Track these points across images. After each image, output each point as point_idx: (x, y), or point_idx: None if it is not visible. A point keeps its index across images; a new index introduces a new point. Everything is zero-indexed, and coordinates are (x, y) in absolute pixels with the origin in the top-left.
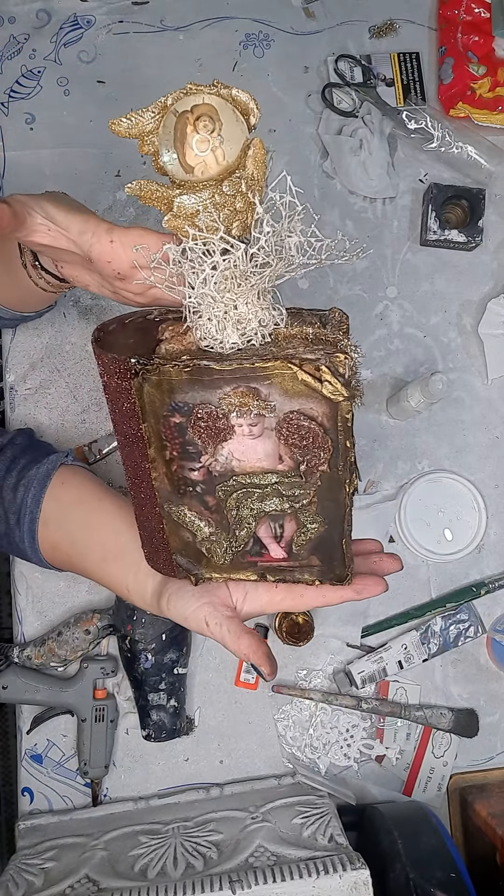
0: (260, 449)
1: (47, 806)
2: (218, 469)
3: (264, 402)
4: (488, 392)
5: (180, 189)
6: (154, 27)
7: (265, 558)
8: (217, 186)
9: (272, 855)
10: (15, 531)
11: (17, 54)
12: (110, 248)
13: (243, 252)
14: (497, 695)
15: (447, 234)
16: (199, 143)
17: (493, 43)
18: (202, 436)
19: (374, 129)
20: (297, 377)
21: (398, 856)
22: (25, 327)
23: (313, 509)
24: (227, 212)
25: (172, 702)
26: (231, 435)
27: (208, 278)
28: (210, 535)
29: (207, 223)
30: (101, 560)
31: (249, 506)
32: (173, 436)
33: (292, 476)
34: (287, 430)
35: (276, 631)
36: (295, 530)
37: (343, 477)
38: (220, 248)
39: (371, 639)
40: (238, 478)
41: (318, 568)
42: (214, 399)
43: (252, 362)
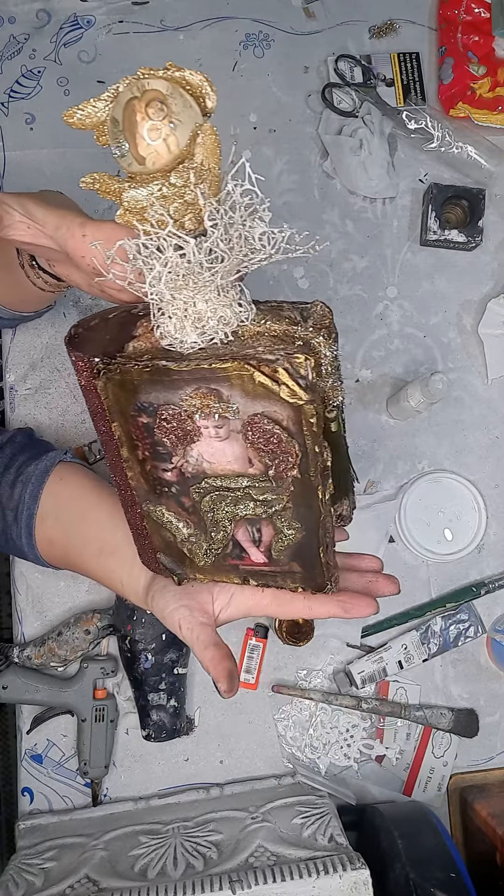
0: (229, 451)
1: (47, 806)
2: (190, 470)
3: (226, 403)
4: (488, 392)
5: (130, 182)
6: (154, 27)
7: (246, 562)
8: (165, 178)
9: (272, 855)
10: (12, 528)
11: (17, 54)
12: (83, 243)
13: (194, 247)
14: (497, 695)
15: (447, 234)
16: (150, 132)
17: (493, 43)
18: (169, 437)
19: (374, 129)
20: (254, 379)
21: (398, 856)
22: (25, 327)
23: (289, 515)
24: (177, 205)
25: (172, 702)
26: (198, 436)
27: (161, 275)
28: (189, 535)
29: (157, 217)
30: (97, 555)
31: (224, 509)
32: (143, 436)
33: (263, 480)
34: (252, 433)
35: (276, 631)
36: (272, 535)
37: (315, 483)
38: (171, 244)
39: (371, 639)
40: (210, 480)
41: (299, 574)
42: (177, 400)
43: (209, 363)
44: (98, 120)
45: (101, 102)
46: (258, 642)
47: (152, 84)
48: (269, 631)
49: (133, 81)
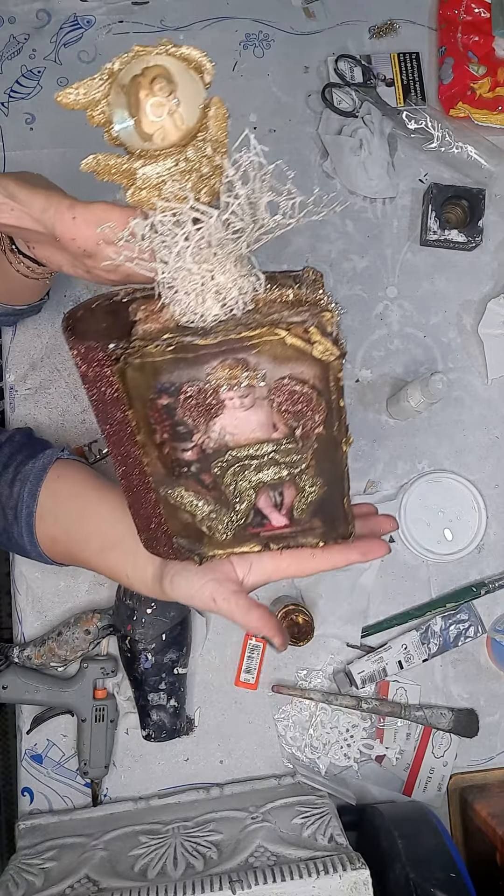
0: (253, 420)
1: (47, 806)
2: (211, 446)
3: (254, 371)
4: (488, 392)
5: (142, 159)
6: (154, 27)
7: (267, 528)
8: (181, 152)
9: (272, 855)
10: (13, 527)
11: (17, 54)
12: (73, 225)
13: (216, 219)
14: (497, 695)
15: (447, 234)
16: (155, 108)
17: (493, 43)
18: (192, 414)
19: (374, 129)
20: (285, 342)
21: (398, 856)
22: (25, 327)
23: (312, 472)
24: (193, 178)
25: (172, 702)
26: (222, 410)
27: (182, 251)
28: (210, 512)
29: (176, 193)
30: (100, 550)
31: (247, 478)
32: (162, 418)
33: (288, 442)
34: (279, 397)
35: None
36: (295, 496)
37: (339, 437)
38: (190, 218)
39: (371, 639)
40: (233, 452)
41: (320, 530)
42: (202, 375)
43: (238, 332)
44: (92, 99)
45: (96, 81)
46: (258, 642)
47: (154, 60)
48: None
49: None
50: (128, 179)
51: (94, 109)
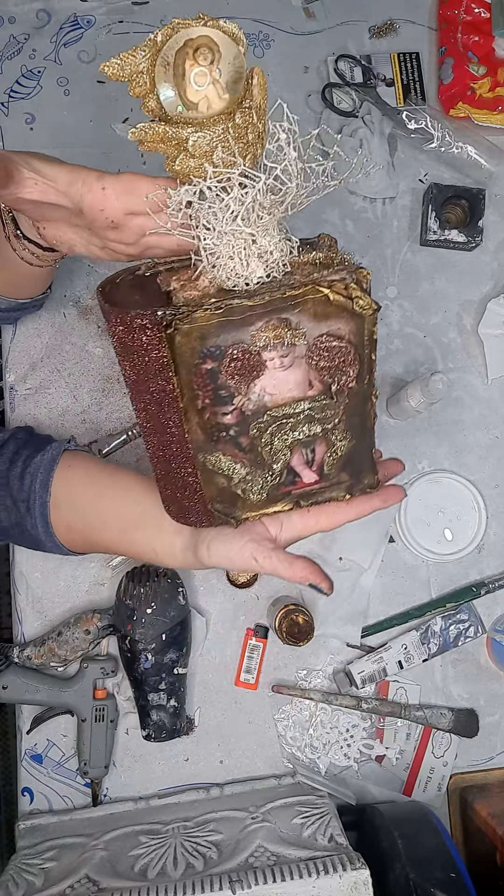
0: (291, 379)
1: (47, 806)
2: (251, 408)
3: (295, 330)
4: (488, 392)
5: (192, 127)
6: (154, 27)
7: (298, 486)
8: (230, 119)
9: (272, 855)
10: (27, 519)
11: (17, 54)
12: (102, 196)
13: (262, 183)
14: (497, 695)
15: (447, 234)
16: (199, 77)
17: (493, 43)
18: (235, 377)
19: (374, 129)
20: (328, 299)
21: (398, 856)
22: (25, 327)
23: (342, 427)
24: (241, 145)
25: (172, 702)
26: (263, 371)
27: (230, 216)
28: (246, 475)
29: (225, 159)
30: (121, 531)
31: (283, 437)
32: (205, 383)
33: (323, 399)
34: (318, 354)
35: (276, 631)
36: (325, 452)
37: (368, 390)
38: (237, 183)
39: (371, 639)
40: (271, 412)
41: (347, 483)
42: (247, 337)
43: (283, 292)
44: (136, 70)
45: (140, 53)
46: (258, 642)
47: (196, 32)
48: (269, 631)
49: (172, 31)
50: (177, 147)
51: (136, 80)
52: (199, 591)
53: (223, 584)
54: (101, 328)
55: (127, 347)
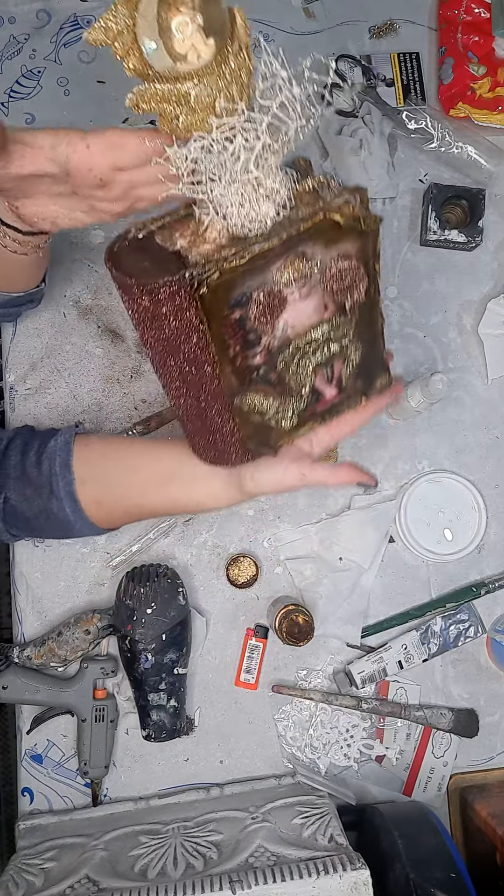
0: (309, 307)
1: (47, 806)
2: (276, 344)
3: (310, 260)
4: (488, 392)
5: (189, 81)
6: None
7: (322, 403)
8: (225, 65)
9: (272, 855)
10: (52, 503)
11: (17, 54)
12: (88, 154)
13: (266, 125)
14: (497, 695)
15: (447, 234)
16: (181, 26)
17: (493, 43)
18: (261, 319)
19: (374, 129)
20: (337, 224)
21: (398, 856)
22: (25, 327)
23: (356, 339)
24: (238, 89)
25: (172, 702)
26: (285, 305)
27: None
28: (277, 407)
29: (227, 107)
30: (157, 489)
31: (306, 363)
32: (235, 332)
33: (338, 317)
34: (331, 277)
35: (276, 631)
36: (343, 366)
37: (376, 297)
38: (240, 130)
39: (371, 639)
40: (294, 342)
41: (362, 389)
42: (269, 278)
43: (297, 228)
44: (117, 31)
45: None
46: (258, 642)
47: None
48: (269, 631)
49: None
50: (177, 104)
51: (118, 41)
52: (199, 591)
53: (223, 584)
54: (100, 328)
55: (154, 316)
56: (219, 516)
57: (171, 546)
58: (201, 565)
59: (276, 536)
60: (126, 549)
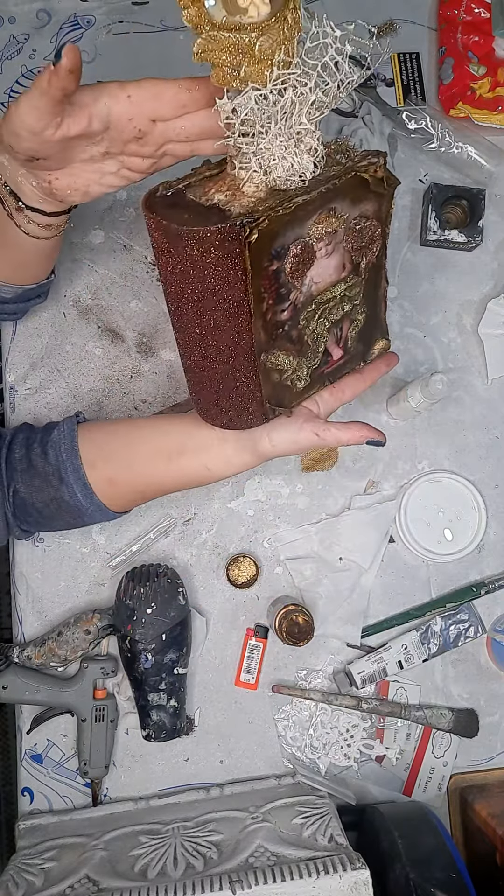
0: (332, 264)
1: (47, 806)
2: (301, 300)
3: (339, 217)
4: (488, 392)
5: (254, 33)
6: (154, 27)
7: (329, 364)
8: (284, 20)
9: (272, 855)
10: (62, 491)
11: (17, 54)
12: (128, 104)
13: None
14: (497, 695)
15: (447, 234)
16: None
17: (493, 43)
18: (294, 272)
19: (374, 129)
20: (366, 183)
21: (398, 856)
22: (25, 327)
23: (363, 301)
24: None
25: (172, 702)
26: (313, 261)
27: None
28: (296, 366)
29: (284, 60)
30: (167, 462)
31: (324, 321)
32: (271, 284)
33: (352, 278)
34: (352, 236)
35: (276, 631)
36: (349, 327)
37: (382, 261)
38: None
39: (371, 639)
40: (316, 299)
41: (362, 351)
42: (305, 231)
43: (333, 183)
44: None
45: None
46: (258, 642)
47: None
48: (269, 631)
49: None
50: (238, 54)
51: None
52: (199, 591)
53: (223, 584)
54: (100, 328)
55: (199, 265)
56: (219, 516)
57: (171, 546)
58: (201, 565)
59: (276, 536)
60: (126, 549)
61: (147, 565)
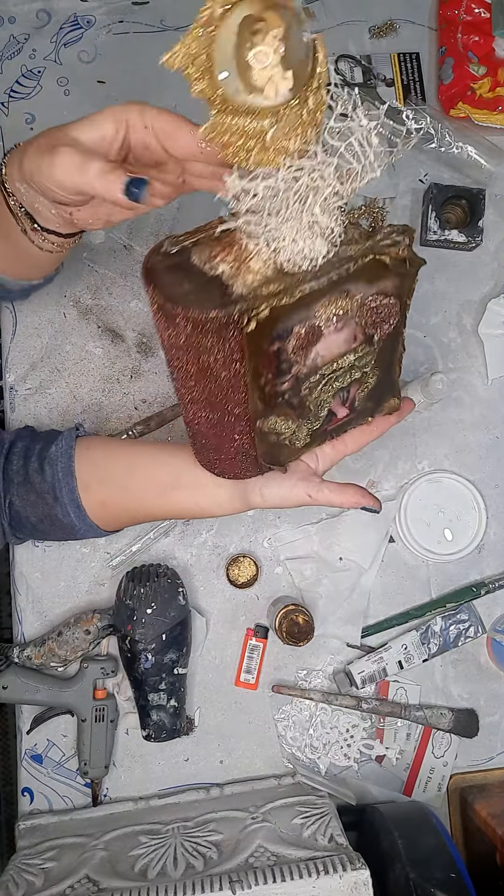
0: (341, 338)
1: (47, 806)
2: (304, 372)
3: (353, 298)
4: (488, 392)
5: (269, 118)
6: (154, 27)
7: (333, 422)
8: (304, 104)
9: (272, 855)
10: (56, 509)
11: (17, 54)
12: (145, 134)
13: (335, 167)
14: (497, 695)
15: (447, 234)
16: (260, 56)
17: (493, 43)
18: (298, 350)
19: None
20: (385, 265)
21: (398, 856)
22: (25, 326)
23: (376, 366)
24: (313, 129)
25: (172, 702)
26: (321, 338)
27: (301, 204)
28: (295, 429)
29: (301, 148)
30: (161, 493)
31: (329, 388)
32: (271, 362)
33: (364, 347)
34: (367, 313)
35: (276, 631)
36: (358, 389)
37: (401, 329)
38: (310, 170)
39: (371, 639)
40: (321, 370)
41: (370, 409)
42: (311, 314)
43: (347, 269)
44: (194, 54)
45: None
46: (258, 642)
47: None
48: (269, 631)
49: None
50: (249, 139)
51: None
52: (199, 591)
53: (223, 584)
54: (100, 328)
55: (194, 345)
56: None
57: (171, 546)
58: (201, 565)
59: (276, 536)
60: (126, 549)
61: (147, 565)
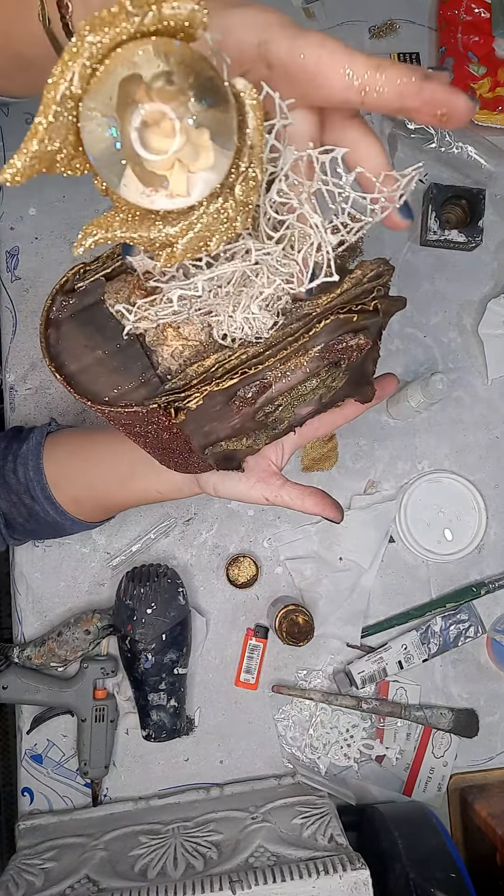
0: (301, 373)
1: (47, 806)
2: (257, 407)
3: (311, 353)
4: (488, 392)
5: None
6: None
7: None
8: (229, 196)
9: (272, 855)
10: (35, 508)
11: None
12: None
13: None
14: (497, 695)
15: (447, 234)
16: (158, 142)
17: (493, 43)
18: (245, 406)
19: (373, 129)
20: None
21: (398, 856)
22: (25, 327)
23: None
24: (242, 215)
25: (172, 702)
26: (272, 386)
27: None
28: (253, 441)
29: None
30: (121, 485)
31: (290, 407)
32: (214, 418)
33: (331, 370)
34: (332, 352)
35: (276, 631)
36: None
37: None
38: (242, 252)
39: (371, 639)
40: (280, 398)
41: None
42: (260, 377)
43: (296, 338)
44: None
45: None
46: (258, 642)
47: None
48: (269, 631)
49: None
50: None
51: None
52: (199, 591)
53: (223, 584)
54: None
55: (119, 421)
56: (219, 516)
57: (171, 546)
58: (201, 565)
59: (276, 536)
60: (126, 549)
61: (147, 565)
